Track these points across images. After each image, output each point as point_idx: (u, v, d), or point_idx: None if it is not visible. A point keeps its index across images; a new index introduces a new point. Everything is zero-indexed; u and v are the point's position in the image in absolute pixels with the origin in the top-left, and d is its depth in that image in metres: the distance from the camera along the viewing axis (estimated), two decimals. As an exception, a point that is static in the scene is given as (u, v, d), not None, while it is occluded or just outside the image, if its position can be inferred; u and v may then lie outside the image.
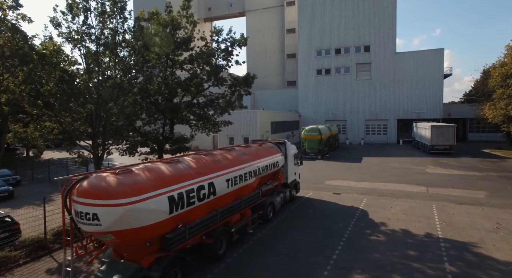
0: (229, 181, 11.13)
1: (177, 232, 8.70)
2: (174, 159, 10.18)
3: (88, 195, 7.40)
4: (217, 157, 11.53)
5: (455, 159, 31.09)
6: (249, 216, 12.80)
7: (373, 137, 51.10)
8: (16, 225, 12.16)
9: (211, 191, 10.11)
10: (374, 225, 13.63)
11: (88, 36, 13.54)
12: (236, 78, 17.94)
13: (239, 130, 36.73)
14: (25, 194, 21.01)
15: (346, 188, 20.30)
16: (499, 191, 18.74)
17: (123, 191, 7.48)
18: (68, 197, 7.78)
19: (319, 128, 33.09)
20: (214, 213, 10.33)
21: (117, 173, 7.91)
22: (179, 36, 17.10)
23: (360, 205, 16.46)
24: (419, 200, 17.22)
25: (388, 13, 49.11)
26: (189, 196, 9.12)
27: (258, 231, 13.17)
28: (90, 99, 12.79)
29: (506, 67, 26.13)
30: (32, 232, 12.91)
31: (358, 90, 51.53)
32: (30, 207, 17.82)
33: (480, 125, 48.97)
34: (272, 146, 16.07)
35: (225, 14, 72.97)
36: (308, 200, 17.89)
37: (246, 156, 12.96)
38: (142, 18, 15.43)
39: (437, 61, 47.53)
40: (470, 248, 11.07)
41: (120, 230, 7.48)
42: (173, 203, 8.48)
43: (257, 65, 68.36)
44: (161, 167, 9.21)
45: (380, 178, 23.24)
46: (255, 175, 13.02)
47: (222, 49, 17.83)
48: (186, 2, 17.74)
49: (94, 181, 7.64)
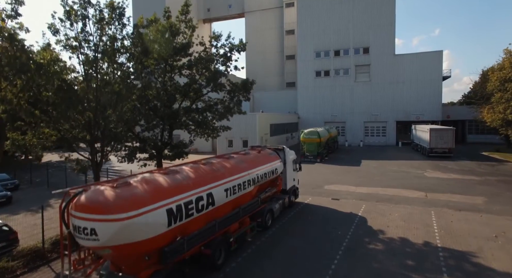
0: (227, 190, 11.10)
1: (176, 244, 8.67)
2: (172, 169, 10.14)
3: (86, 210, 7.38)
4: (215, 166, 11.50)
5: (454, 162, 31.12)
6: (247, 224, 12.78)
7: (372, 139, 51.15)
8: (14, 234, 12.10)
9: (209, 201, 10.08)
10: (372, 233, 13.63)
11: (86, 42, 13.50)
12: (235, 83, 17.90)
13: (238, 133, 36.71)
14: (24, 199, 20.98)
15: (345, 193, 20.30)
16: (498, 196, 18.76)
17: (121, 205, 7.45)
18: (66, 211, 7.74)
19: (318, 132, 33.09)
20: (213, 223, 10.30)
21: (115, 186, 7.87)
22: (178, 41, 17.06)
23: (359, 212, 16.46)
24: (418, 206, 17.22)
25: (387, 15, 49.14)
26: (187, 208, 9.08)
27: (256, 238, 13.16)
28: (88, 107, 12.75)
29: (504, 71, 26.16)
30: (30, 240, 12.89)
31: (357, 92, 51.58)
32: (28, 213, 17.80)
33: (479, 127, 49.02)
34: (271, 152, 16.05)
35: (224, 15, 72.88)
36: (307, 206, 17.88)
37: (244, 164, 12.94)
38: (140, 26, 15.39)
39: (436, 63, 47.60)
40: (468, 257, 11.07)
41: (118, 245, 7.45)
42: (171, 216, 8.45)
43: (256, 66, 68.40)
44: (159, 179, 9.17)
45: (379, 182, 23.24)
46: (254, 183, 13.00)
47: (221, 55, 17.79)
48: (185, 7, 17.68)
49: (92, 195, 7.61)
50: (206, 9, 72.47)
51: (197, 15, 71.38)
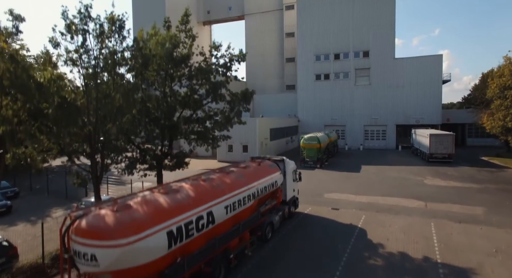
0: (228, 207, 11.10)
1: (176, 266, 8.68)
2: (173, 188, 10.13)
3: (86, 235, 7.39)
4: (215, 182, 11.49)
5: (454, 168, 31.14)
6: (247, 239, 12.77)
7: (372, 143, 51.17)
8: (14, 249, 12.08)
9: (209, 220, 10.08)
10: (372, 247, 13.64)
11: (86, 53, 13.48)
12: (235, 94, 17.88)
13: (238, 138, 36.75)
14: (24, 208, 20.97)
15: (344, 202, 20.31)
16: (497, 206, 18.77)
17: (122, 231, 7.46)
18: (66, 235, 7.75)
19: (318, 137, 33.10)
20: (213, 242, 10.30)
21: (115, 210, 7.88)
22: (178, 51, 17.04)
23: (359, 223, 16.47)
24: (418, 216, 17.24)
25: (387, 19, 49.15)
26: (187, 228, 9.09)
27: (256, 253, 13.15)
28: (88, 122, 12.75)
29: (504, 79, 26.18)
30: (30, 254, 12.90)
31: (357, 96, 51.60)
32: (28, 224, 17.81)
33: (478, 131, 49.02)
34: (271, 164, 16.05)
35: (224, 17, 72.84)
36: (306, 216, 17.89)
37: (244, 179, 12.93)
38: (141, 40, 15.37)
39: (435, 67, 47.63)
40: (469, 274, 11.08)
41: (118, 270, 7.46)
42: (171, 238, 8.46)
43: (256, 68, 68.40)
44: (159, 199, 9.17)
45: (379, 190, 23.25)
46: (254, 198, 13.00)
47: (221, 65, 17.78)
48: (185, 17, 17.69)
49: (93, 220, 7.61)
50: (206, 11, 72.41)
51: (197, 17, 71.37)
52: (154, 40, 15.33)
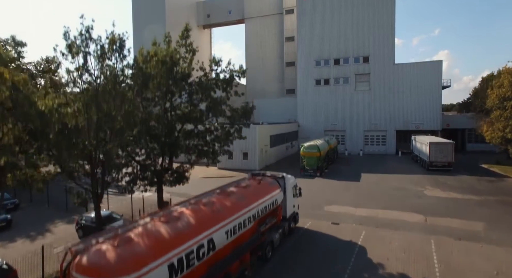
0: (228, 232, 11.11)
1: (176, 299, 8.68)
2: (173, 215, 10.14)
3: (87, 273, 7.39)
4: (215, 206, 11.49)
5: (454, 177, 31.18)
6: (248, 259, 12.79)
7: (372, 148, 51.22)
8: (13, 272, 12.09)
9: (210, 247, 10.09)
10: (372, 267, 13.65)
11: (87, 72, 13.50)
12: (235, 109, 17.89)
13: (238, 146, 36.63)
14: (24, 221, 20.91)
15: (344, 216, 20.32)
16: (497, 221, 18.77)
17: (123, 268, 7.46)
18: (67, 271, 7.76)
19: (318, 146, 33.11)
20: (213, 269, 10.32)
21: (116, 245, 7.89)
22: (179, 67, 17.04)
23: (359, 240, 16.47)
24: (418, 233, 17.24)
25: (387, 24, 49.20)
26: (188, 259, 9.10)
27: (256, 273, 13.15)
28: (89, 144, 12.75)
29: (503, 90, 26.22)
30: (30, 275, 12.92)
31: (357, 101, 51.66)
32: (27, 240, 17.78)
33: (478, 136, 48.97)
34: (271, 181, 16.07)
35: (224, 21, 72.92)
36: (306, 232, 17.89)
37: (245, 200, 12.94)
38: (141, 62, 15.38)
39: (435, 73, 47.72)
40: (468, 300, 11.11)
41: (119, 307, 7.46)
42: (173, 271, 8.47)
43: (256, 72, 68.39)
44: (160, 229, 9.19)
45: (379, 202, 23.26)
46: (255, 219, 13.02)
47: (221, 80, 17.79)
48: (185, 32, 17.72)
49: (93, 257, 7.62)
50: (206, 15, 72.42)
51: (196, 21, 71.43)
52: (154, 61, 15.34)
